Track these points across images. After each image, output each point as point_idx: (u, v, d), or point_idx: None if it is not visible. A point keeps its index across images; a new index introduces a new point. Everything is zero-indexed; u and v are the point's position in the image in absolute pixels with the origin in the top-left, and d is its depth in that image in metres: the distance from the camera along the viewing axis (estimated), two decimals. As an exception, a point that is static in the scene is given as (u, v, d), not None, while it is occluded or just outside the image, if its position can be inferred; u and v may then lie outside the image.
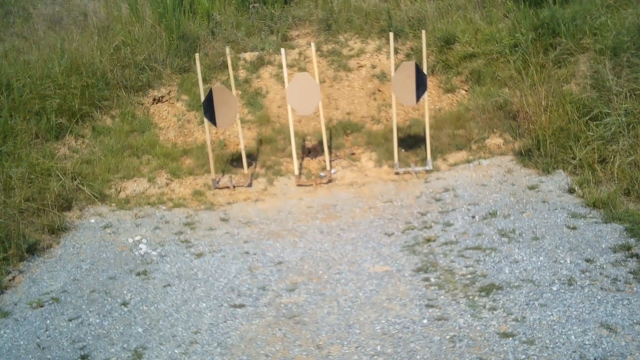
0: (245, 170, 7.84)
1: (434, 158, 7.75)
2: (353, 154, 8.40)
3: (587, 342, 3.91)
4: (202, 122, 7.95)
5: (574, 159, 6.73)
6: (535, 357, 3.84)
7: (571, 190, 6.39)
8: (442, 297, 4.78)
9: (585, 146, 6.73)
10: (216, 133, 8.86)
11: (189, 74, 9.43)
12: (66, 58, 8.85)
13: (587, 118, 6.95)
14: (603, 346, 3.85)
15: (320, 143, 8.01)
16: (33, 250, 6.02)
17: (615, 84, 7.04)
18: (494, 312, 4.44)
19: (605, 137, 6.66)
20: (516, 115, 7.74)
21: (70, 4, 11.80)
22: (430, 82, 8.84)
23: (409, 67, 7.56)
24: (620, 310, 4.24)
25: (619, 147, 6.43)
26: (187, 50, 9.65)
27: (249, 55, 9.84)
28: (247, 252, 6.01)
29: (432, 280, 5.09)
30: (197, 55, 7.91)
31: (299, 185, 7.70)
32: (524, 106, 7.53)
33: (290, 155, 7.92)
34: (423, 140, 7.89)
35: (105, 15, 10.81)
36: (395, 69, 7.79)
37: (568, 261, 5.05)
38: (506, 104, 7.98)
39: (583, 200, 6.14)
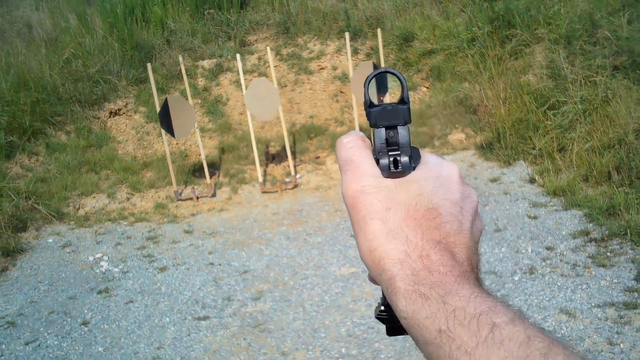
0: (208, 180, 7.85)
1: (398, 158, 7.82)
2: (318, 157, 8.46)
3: (547, 328, 3.97)
4: (161, 133, 7.92)
5: (533, 149, 6.92)
6: (497, 347, 3.94)
7: (532, 180, 6.57)
8: (405, 294, 4.86)
9: (544, 136, 6.92)
10: (177, 144, 8.85)
11: (145, 84, 9.36)
12: (13, 73, 8.70)
13: (545, 108, 7.16)
14: (562, 331, 3.98)
15: (284, 148, 8.06)
16: (-13, 274, 5.93)
17: (570, 72, 7.25)
18: (457, 306, 4.53)
19: (563, 126, 6.86)
20: (476, 109, 7.92)
21: (12, 15, 11.54)
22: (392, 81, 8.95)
23: (367, 67, 7.65)
24: (579, 295, 4.39)
25: (577, 135, 6.64)
26: (142, 61, 9.53)
27: (207, 63, 9.83)
28: (212, 263, 6.03)
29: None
30: (149, 65, 7.88)
31: (264, 192, 7.74)
32: (484, 100, 7.71)
33: (253, 163, 7.97)
34: (386, 139, 7.96)
35: (52, 27, 10.66)
36: (354, 70, 7.88)
37: (529, 250, 5.19)
38: (466, 99, 8.16)
39: (543, 189, 6.32)
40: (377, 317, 0.59)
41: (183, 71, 7.98)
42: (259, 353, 4.36)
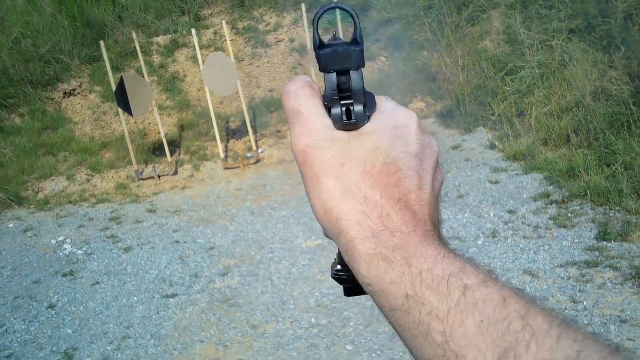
0: (169, 158, 7.71)
1: (357, 127, 7.79)
2: (279, 131, 8.37)
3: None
4: (119, 113, 7.73)
5: (492, 115, 6.98)
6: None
7: (492, 146, 6.63)
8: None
9: (503, 101, 6.98)
10: (135, 123, 8.62)
11: (99, 63, 9.05)
12: (-38, 56, 8.39)
13: (503, 73, 7.20)
14: (527, 291, 4.04)
15: (244, 123, 7.95)
16: (-53, 262, 5.76)
17: (526, 37, 7.29)
18: (422, 271, 4.57)
19: (521, 91, 6.92)
20: (435, 77, 7.93)
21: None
22: (349, 51, 8.86)
23: (325, 39, 7.53)
24: (541, 256, 4.47)
25: (535, 99, 6.71)
26: (95, 39, 9.19)
27: (161, 39, 9.56)
28: (177, 241, 5.95)
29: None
30: (102, 43, 7.63)
31: (226, 168, 7.64)
32: (442, 67, 7.72)
33: (214, 139, 7.84)
34: (346, 110, 7.92)
35: (-4, 5, 10.23)
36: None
37: (491, 215, 5.26)
38: (425, 67, 8.15)
39: (504, 154, 6.39)
40: (333, 277, 0.55)
41: (137, 48, 7.75)
42: (229, 327, 4.33)
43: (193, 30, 7.78)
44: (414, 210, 0.48)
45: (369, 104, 0.53)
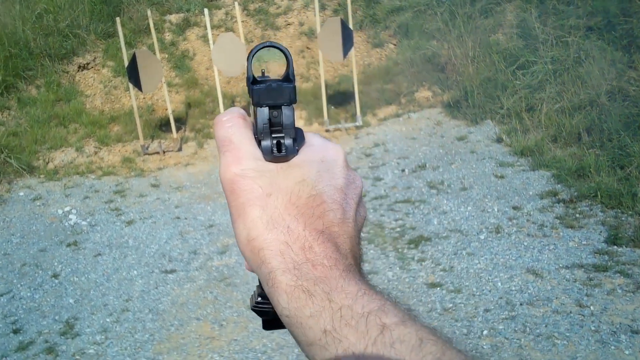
0: (175, 134, 7.45)
1: (363, 113, 7.50)
2: (281, 113, 8.09)
3: (513, 288, 3.80)
4: (129, 88, 7.48)
5: (501, 108, 6.62)
6: (462, 305, 3.71)
7: (499, 140, 6.27)
8: (371, 251, 4.61)
9: (513, 95, 6.61)
10: (144, 98, 8.35)
11: (113, 39, 8.80)
12: (-13, 29, 8.18)
13: (514, 67, 6.83)
14: (529, 291, 3.74)
15: (250, 104, 7.64)
16: (-39, 226, 5.66)
17: (541, 32, 6.90)
18: (423, 263, 4.29)
19: (532, 86, 6.55)
20: (444, 68, 7.57)
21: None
22: (359, 38, 8.53)
23: (334, 23, 7.20)
24: (546, 256, 4.14)
25: (546, 95, 6.33)
26: (111, 15, 8.95)
27: (174, 17, 9.27)
28: (178, 217, 5.72)
29: (362, 235, 4.89)
30: (118, 20, 7.38)
31: (232, 147, 7.34)
32: (452, 58, 7.36)
33: (220, 118, 7.53)
34: (352, 96, 7.63)
35: (25, -18, 9.99)
36: (321, 26, 7.44)
37: (495, 210, 4.93)
38: (434, 57, 7.79)
39: (511, 149, 6.04)
40: (253, 309, 0.52)
41: (151, 25, 7.47)
42: (225, 306, 4.17)
43: (205, 10, 7.47)
44: (337, 243, 0.47)
45: (299, 138, 0.53)
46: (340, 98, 8.14)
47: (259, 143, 0.51)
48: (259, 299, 0.51)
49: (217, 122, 0.53)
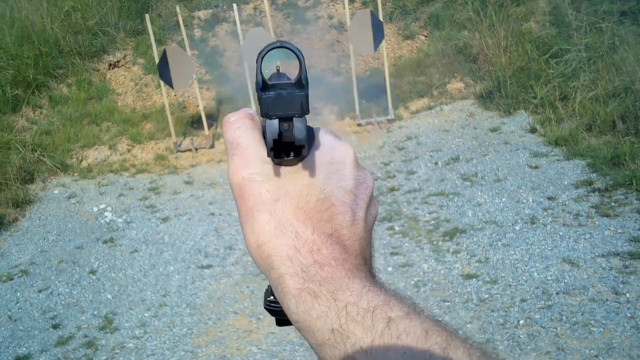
0: (207, 131, 7.62)
1: (395, 107, 7.59)
2: (314, 108, 8.20)
3: (549, 278, 3.89)
4: (160, 85, 7.67)
5: (535, 98, 6.64)
6: (499, 295, 3.81)
7: (533, 130, 6.31)
8: (406, 244, 4.72)
9: (546, 84, 6.62)
10: (175, 95, 8.57)
11: (143, 36, 9.03)
12: (17, 27, 8.43)
13: (547, 56, 6.83)
14: (565, 280, 3.83)
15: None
16: (-1, 224, 5.87)
17: (575, 18, 6.89)
18: (458, 255, 4.40)
19: (565, 74, 6.55)
20: (476, 58, 7.60)
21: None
22: (389, 30, 8.60)
23: (364, 15, 7.28)
24: (582, 245, 4.21)
25: (580, 83, 6.33)
26: (139, 12, 9.20)
27: (202, 13, 9.46)
28: (213, 214, 5.88)
29: (397, 228, 5.02)
30: (147, 16, 7.55)
31: (263, 143, 7.49)
32: (484, 48, 7.39)
33: (251, 114, 7.67)
34: (384, 89, 7.71)
35: (52, -20, 10.26)
36: (351, 19, 7.53)
37: (530, 200, 5.00)
38: (466, 47, 7.82)
39: (545, 139, 6.08)
40: (266, 308, 0.53)
41: (181, 22, 7.63)
42: (262, 301, 4.23)
43: (234, 5, 7.61)
44: (345, 245, 0.47)
45: (309, 139, 0.51)
46: (372, 91, 8.22)
47: None
48: (272, 297, 0.51)
49: (225, 124, 0.53)
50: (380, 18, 7.36)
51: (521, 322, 3.54)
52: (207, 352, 3.79)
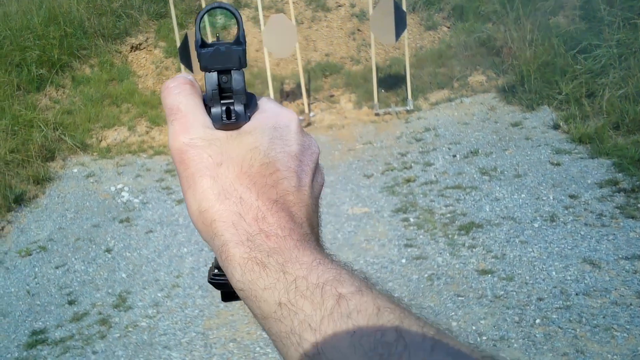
0: (225, 116, 7.54)
1: (414, 97, 7.43)
2: (332, 95, 8.09)
3: (568, 278, 3.74)
4: (180, 68, 7.62)
5: (559, 94, 6.43)
6: (514, 292, 3.67)
7: (556, 126, 6.11)
8: (421, 236, 4.59)
9: (572, 80, 6.40)
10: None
11: (165, 19, 9.00)
12: (44, 8, 8.47)
13: (575, 51, 6.59)
14: (586, 281, 3.67)
15: (299, 86, 7.69)
16: (20, 200, 5.94)
17: (607, 13, 6.63)
18: (473, 250, 4.26)
19: (594, 70, 6.32)
20: (500, 51, 7.40)
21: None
22: (411, 20, 8.43)
23: (387, 4, 7.12)
24: (604, 246, 4.03)
25: (609, 80, 6.08)
26: (163, -5, 9.19)
27: (226, -2, 9.38)
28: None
29: (412, 220, 4.89)
30: (170, 0, 7.49)
31: (279, 129, 7.40)
32: (508, 41, 7.18)
33: (269, 100, 7.59)
34: (403, 79, 7.57)
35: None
36: (374, 7, 7.38)
37: (551, 197, 4.83)
38: (489, 40, 7.62)
39: (568, 136, 5.87)
40: (210, 282, 0.50)
41: (203, 6, 7.55)
42: None
43: (257, -9, 7.53)
44: (292, 212, 0.46)
45: (251, 104, 0.51)
46: (391, 81, 8.08)
47: (208, 110, 0.49)
48: (216, 271, 0.49)
49: (165, 89, 0.51)
50: (404, 8, 7.20)
51: (537, 321, 3.39)
52: (218, 335, 3.78)
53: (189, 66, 7.28)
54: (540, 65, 6.72)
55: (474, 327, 3.43)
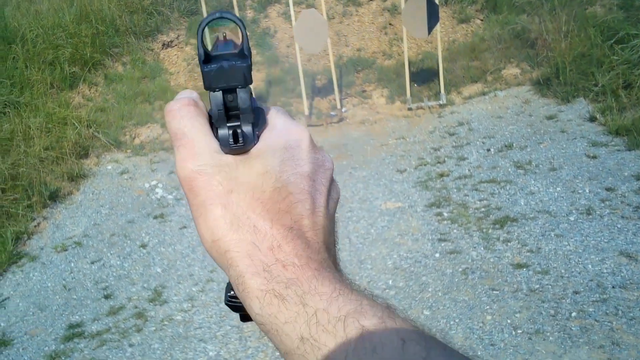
0: (256, 112, 7.64)
1: (447, 92, 7.45)
2: (364, 91, 8.14)
3: (605, 271, 3.76)
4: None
5: (595, 85, 6.38)
6: (550, 286, 3.71)
7: (592, 119, 6.08)
8: (455, 231, 4.64)
9: (609, 71, 6.34)
10: (226, 76, 8.63)
11: (196, 16, 9.15)
12: (76, 6, 8.67)
13: (612, 42, 6.51)
14: (622, 274, 3.69)
15: (330, 81, 7.76)
16: (55, 197, 6.11)
17: (647, 1, 6.55)
18: (508, 243, 4.30)
19: (631, 61, 6.24)
20: (534, 43, 7.35)
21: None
22: (444, 13, 8.42)
23: (420, -2, 7.14)
24: (642, 238, 4.04)
25: (647, 71, 6.03)
26: (194, -8, 9.34)
27: (256, -5, 9.49)
28: (260, 194, 5.93)
29: (445, 214, 4.94)
30: (202, -4, 7.62)
31: (310, 125, 7.47)
32: (543, 33, 7.13)
33: (300, 96, 7.69)
34: (436, 73, 7.57)
35: (111, -41, 10.50)
36: (406, 1, 7.40)
37: (587, 191, 4.83)
38: (524, 32, 7.57)
39: (605, 128, 5.84)
40: (227, 304, 0.49)
41: (234, 3, 7.67)
42: None
43: (287, -14, 7.61)
44: (307, 238, 0.45)
45: (259, 122, 0.49)
46: (424, 76, 8.09)
47: (215, 131, 0.48)
48: (232, 292, 0.48)
49: (168, 112, 0.49)
50: (436, 1, 7.21)
51: (573, 314, 3.43)
52: (253, 328, 3.84)
53: (220, 63, 7.36)
54: (576, 57, 6.67)
55: (508, 321, 3.49)
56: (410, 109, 7.43)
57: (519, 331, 3.38)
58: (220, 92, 0.47)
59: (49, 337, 4.07)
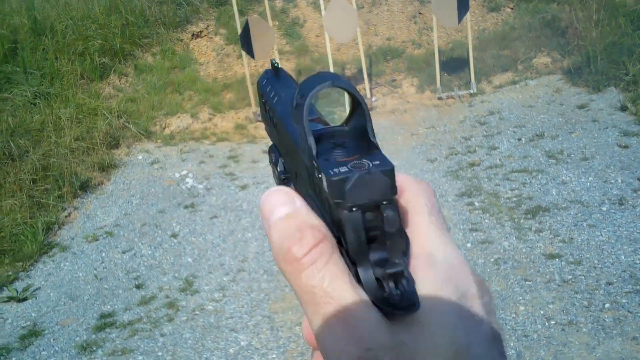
0: (286, 102, 7.69)
1: (478, 81, 7.42)
2: (394, 80, 8.14)
3: (638, 262, 3.76)
4: (241, 55, 7.82)
5: (627, 74, 6.32)
6: (583, 277, 3.73)
7: (624, 108, 6.02)
8: (486, 220, 4.67)
9: (640, 61, 6.29)
10: (255, 66, 8.67)
11: (225, 7, 9.19)
12: (105, -3, 8.78)
13: (643, 30, 6.46)
14: None
15: (360, 71, 7.78)
16: (86, 187, 6.19)
17: (678, -11, 6.46)
18: (540, 234, 4.31)
19: (662, 51, 6.19)
20: (565, 32, 7.28)
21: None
22: (473, 1, 8.35)
23: (449, -14, 7.11)
24: (676, 229, 4.03)
25: (678, 60, 5.97)
26: (223, -18, 9.38)
27: (285, -16, 9.49)
28: (290, 184, 5.98)
29: (477, 204, 4.96)
30: (231, -13, 7.67)
31: (340, 114, 7.54)
32: (573, 21, 7.06)
33: (330, 85, 7.70)
34: (466, 62, 7.54)
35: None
36: (436, -11, 7.37)
37: (619, 181, 4.81)
38: (554, 20, 7.50)
39: (636, 118, 5.79)
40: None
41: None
42: None
43: (317, -25, 7.62)
44: None
45: (407, 247, 0.34)
46: (454, 65, 8.06)
47: (348, 261, 0.34)
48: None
49: (285, 261, 0.34)
50: (466, -11, 7.17)
51: (607, 305, 3.45)
52: (284, 319, 3.91)
53: (249, 53, 7.45)
54: (607, 46, 6.60)
55: (541, 312, 3.52)
56: (440, 98, 7.42)
57: (552, 322, 3.41)
58: (360, 210, 0.32)
59: (80, 327, 4.12)
